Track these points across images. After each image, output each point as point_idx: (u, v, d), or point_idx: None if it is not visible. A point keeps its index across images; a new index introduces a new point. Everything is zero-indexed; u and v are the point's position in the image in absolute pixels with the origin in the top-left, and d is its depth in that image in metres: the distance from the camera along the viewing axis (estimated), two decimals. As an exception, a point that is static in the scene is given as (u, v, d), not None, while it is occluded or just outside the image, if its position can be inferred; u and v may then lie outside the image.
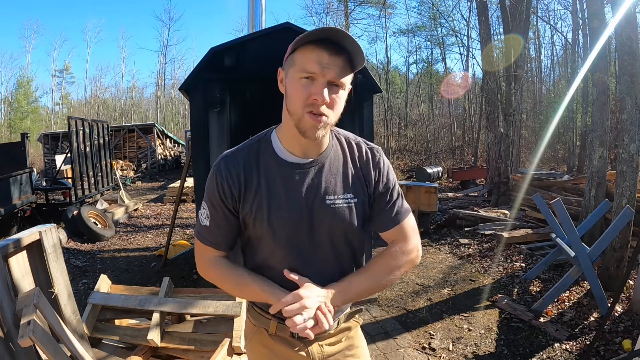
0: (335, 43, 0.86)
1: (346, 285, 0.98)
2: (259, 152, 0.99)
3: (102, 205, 7.73)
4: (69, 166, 8.36)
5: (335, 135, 1.04)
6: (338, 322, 1.10)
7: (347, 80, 0.90)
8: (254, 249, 1.03)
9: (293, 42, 0.88)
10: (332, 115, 0.90)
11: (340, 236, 1.01)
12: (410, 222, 1.06)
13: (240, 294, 1.03)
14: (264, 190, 0.96)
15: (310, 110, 0.87)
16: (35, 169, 9.80)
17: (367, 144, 1.06)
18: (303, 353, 1.06)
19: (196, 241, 1.07)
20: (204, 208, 1.02)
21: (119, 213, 7.56)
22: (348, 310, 1.14)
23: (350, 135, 1.07)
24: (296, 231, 0.97)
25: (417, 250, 1.05)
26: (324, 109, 0.88)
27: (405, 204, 1.07)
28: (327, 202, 0.97)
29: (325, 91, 0.86)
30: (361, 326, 1.20)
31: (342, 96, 0.91)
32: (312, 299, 0.91)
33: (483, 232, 5.76)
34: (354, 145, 1.04)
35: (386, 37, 25.40)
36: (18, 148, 6.78)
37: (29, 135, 7.23)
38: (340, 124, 0.96)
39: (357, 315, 1.17)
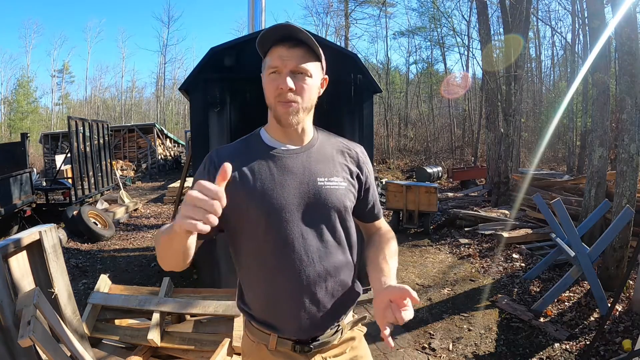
0: (293, 38, 0.96)
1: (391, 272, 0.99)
2: (250, 144, 1.07)
3: (102, 205, 7.73)
4: (69, 166, 8.36)
5: (319, 131, 1.12)
6: (342, 331, 1.07)
7: (311, 67, 0.98)
8: (245, 248, 1.01)
9: (259, 48, 1.00)
10: (301, 100, 0.98)
11: (331, 217, 1.01)
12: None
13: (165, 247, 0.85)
14: (256, 174, 0.99)
15: (279, 100, 0.97)
16: (35, 169, 9.81)
17: (352, 142, 1.16)
18: None
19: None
20: None
21: (119, 213, 7.56)
22: (351, 318, 1.12)
23: (333, 133, 1.16)
24: (289, 212, 0.97)
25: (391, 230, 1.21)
26: (290, 95, 0.96)
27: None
28: (319, 183, 1.01)
29: (289, 79, 0.95)
30: None
31: (309, 82, 0.98)
32: None
33: (483, 232, 5.76)
34: (341, 140, 1.14)
35: (386, 37, 25.47)
36: (18, 148, 6.75)
37: (29, 135, 7.21)
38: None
39: (360, 324, 1.14)
